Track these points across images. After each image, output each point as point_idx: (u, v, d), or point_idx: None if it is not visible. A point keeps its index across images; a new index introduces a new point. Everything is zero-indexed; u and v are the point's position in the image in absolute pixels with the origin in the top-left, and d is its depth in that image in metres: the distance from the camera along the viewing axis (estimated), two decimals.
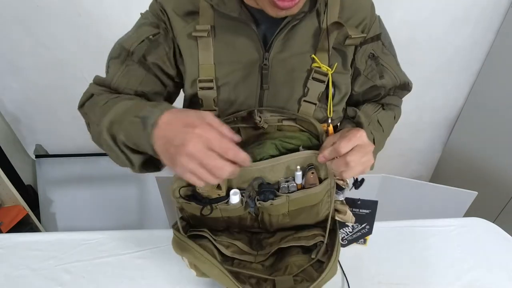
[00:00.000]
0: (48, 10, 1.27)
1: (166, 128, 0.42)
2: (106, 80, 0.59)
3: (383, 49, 0.63)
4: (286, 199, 0.55)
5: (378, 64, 0.63)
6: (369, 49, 0.61)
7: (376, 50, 0.62)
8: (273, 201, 0.55)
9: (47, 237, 0.77)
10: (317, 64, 0.57)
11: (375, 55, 0.62)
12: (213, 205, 0.56)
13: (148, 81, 0.60)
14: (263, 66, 0.57)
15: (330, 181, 0.56)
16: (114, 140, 0.49)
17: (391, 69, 0.64)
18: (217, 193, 0.55)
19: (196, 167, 0.40)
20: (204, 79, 0.57)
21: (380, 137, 0.64)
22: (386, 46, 0.63)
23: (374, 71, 0.63)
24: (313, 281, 0.53)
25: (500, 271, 0.70)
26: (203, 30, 0.55)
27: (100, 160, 1.66)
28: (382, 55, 0.63)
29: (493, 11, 1.34)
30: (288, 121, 0.59)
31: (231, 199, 0.55)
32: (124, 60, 0.58)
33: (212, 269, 0.54)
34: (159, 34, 0.58)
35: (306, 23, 0.56)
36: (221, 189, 0.55)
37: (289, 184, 0.56)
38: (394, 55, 0.66)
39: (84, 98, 0.59)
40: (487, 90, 1.49)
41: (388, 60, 0.64)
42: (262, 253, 0.61)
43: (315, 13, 0.57)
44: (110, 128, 0.49)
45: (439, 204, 1.23)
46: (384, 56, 0.63)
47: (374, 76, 0.63)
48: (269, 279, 0.57)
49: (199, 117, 0.42)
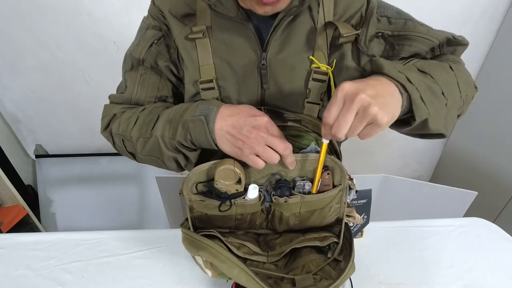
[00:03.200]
0: (48, 10, 1.27)
1: (230, 119, 0.49)
2: (125, 96, 0.62)
3: (390, 20, 0.57)
4: (300, 199, 0.56)
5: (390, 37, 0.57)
6: (371, 32, 0.57)
7: (380, 27, 0.57)
8: (288, 199, 0.55)
9: (47, 237, 0.77)
10: (316, 65, 0.57)
11: (383, 32, 0.57)
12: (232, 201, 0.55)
13: (163, 85, 0.62)
14: (261, 67, 0.57)
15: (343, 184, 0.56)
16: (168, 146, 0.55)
17: (414, 33, 0.56)
18: (235, 189, 0.55)
19: (263, 149, 0.48)
20: (205, 80, 0.58)
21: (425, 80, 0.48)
22: (393, 16, 0.57)
23: (392, 45, 0.57)
24: (333, 280, 0.53)
25: (500, 271, 0.70)
26: (199, 31, 0.56)
27: (100, 160, 1.66)
28: (391, 26, 0.57)
29: (493, 11, 1.34)
30: (293, 122, 0.59)
31: (250, 194, 0.55)
32: (138, 70, 0.61)
33: (232, 268, 0.52)
34: (163, 37, 0.60)
35: (300, 21, 0.56)
36: (240, 184, 0.55)
37: (304, 182, 0.56)
38: (410, 19, 0.58)
39: (106, 121, 0.62)
40: (487, 90, 1.49)
41: (403, 27, 0.56)
42: (273, 254, 0.61)
43: (308, 9, 0.56)
44: (163, 135, 0.54)
45: (439, 204, 1.23)
46: (395, 26, 0.57)
47: (396, 51, 0.56)
48: (287, 278, 0.56)
49: (252, 108, 0.52)
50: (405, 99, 0.44)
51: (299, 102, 0.59)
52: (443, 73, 0.51)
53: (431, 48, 0.57)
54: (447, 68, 0.53)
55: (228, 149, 0.51)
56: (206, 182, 0.57)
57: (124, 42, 1.38)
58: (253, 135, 0.48)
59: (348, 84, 0.41)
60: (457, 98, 0.52)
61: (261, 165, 0.49)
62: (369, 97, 0.40)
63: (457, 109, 0.53)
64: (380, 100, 0.40)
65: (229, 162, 0.53)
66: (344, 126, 0.41)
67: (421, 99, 0.45)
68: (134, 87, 0.62)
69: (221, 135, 0.50)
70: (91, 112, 1.57)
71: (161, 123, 0.55)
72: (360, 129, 0.41)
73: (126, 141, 0.60)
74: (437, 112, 0.47)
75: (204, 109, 0.51)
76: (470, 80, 0.57)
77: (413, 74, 0.47)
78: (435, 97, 0.47)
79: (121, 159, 1.64)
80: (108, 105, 0.64)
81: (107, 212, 1.71)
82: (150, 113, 0.58)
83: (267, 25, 0.56)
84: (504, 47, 1.37)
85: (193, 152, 0.56)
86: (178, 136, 0.52)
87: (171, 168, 0.59)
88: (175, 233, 0.77)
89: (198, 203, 0.57)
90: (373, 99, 0.40)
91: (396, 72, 0.45)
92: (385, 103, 0.41)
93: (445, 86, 0.49)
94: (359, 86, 0.41)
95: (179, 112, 0.54)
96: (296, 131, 0.59)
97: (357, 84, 0.42)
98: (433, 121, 0.47)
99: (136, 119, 0.58)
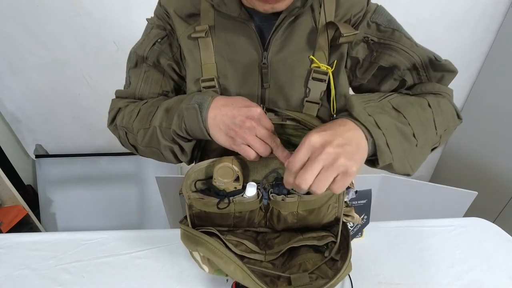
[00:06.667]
0: (48, 10, 1.27)
1: (225, 109, 0.50)
2: (130, 91, 0.64)
3: (379, 27, 0.57)
4: (298, 198, 0.56)
5: (374, 44, 0.57)
6: (360, 35, 0.57)
7: (369, 33, 0.57)
8: (285, 197, 0.56)
9: (47, 237, 0.77)
10: (316, 64, 0.57)
11: (369, 37, 0.57)
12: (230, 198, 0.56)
13: (165, 83, 0.64)
14: (262, 66, 0.57)
15: None
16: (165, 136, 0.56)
17: (398, 44, 0.56)
18: (234, 186, 0.56)
19: (254, 139, 0.49)
20: (206, 78, 0.59)
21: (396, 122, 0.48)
22: (383, 24, 0.57)
23: (374, 52, 0.57)
24: (329, 279, 0.53)
25: (500, 271, 0.70)
26: (202, 30, 0.57)
27: (100, 160, 1.66)
28: (378, 34, 0.57)
29: (493, 11, 1.34)
30: (291, 120, 0.60)
31: (248, 191, 0.56)
32: (141, 67, 0.63)
33: (228, 264, 0.52)
34: (166, 36, 0.61)
35: (302, 21, 0.57)
36: (239, 181, 0.55)
37: None
38: (399, 29, 0.57)
39: (112, 114, 0.64)
40: (487, 90, 1.50)
41: (390, 36, 0.56)
42: (271, 252, 0.61)
43: (309, 10, 0.57)
44: (161, 125, 0.55)
45: (439, 204, 1.23)
46: (382, 34, 0.57)
47: (377, 57, 0.57)
48: (283, 276, 0.57)
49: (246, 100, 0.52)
50: (371, 144, 0.45)
51: (298, 101, 0.59)
52: (419, 112, 0.51)
53: (413, 66, 0.57)
54: (425, 105, 0.53)
55: (221, 138, 0.51)
56: (205, 180, 0.58)
57: (124, 42, 1.38)
58: (246, 125, 0.49)
59: (315, 136, 0.42)
60: (431, 136, 0.52)
61: (252, 155, 0.50)
62: (337, 147, 0.41)
63: (431, 146, 0.53)
64: (348, 148, 0.41)
65: (227, 160, 0.54)
66: (309, 175, 0.41)
67: (386, 145, 0.45)
68: (138, 83, 0.64)
69: (214, 124, 0.50)
70: (91, 112, 1.57)
71: (160, 113, 0.56)
72: (330, 181, 0.41)
73: (129, 133, 0.61)
74: (403, 154, 0.47)
75: (199, 99, 0.52)
76: (453, 113, 0.57)
77: (383, 116, 0.47)
78: (404, 139, 0.47)
79: (121, 159, 1.64)
80: (114, 99, 0.66)
81: (107, 212, 1.71)
82: (151, 105, 0.59)
83: (268, 25, 0.57)
84: (504, 47, 1.37)
85: (188, 142, 0.56)
86: (173, 125, 0.53)
87: (170, 160, 0.60)
88: (175, 233, 0.77)
89: (197, 201, 0.58)
90: (341, 148, 0.41)
91: (365, 115, 0.46)
92: (352, 151, 0.42)
93: (418, 125, 0.49)
94: (327, 138, 0.42)
95: (177, 102, 0.55)
96: (294, 129, 0.60)
97: (325, 135, 0.42)
98: (398, 164, 0.47)
99: (138, 111, 0.60)
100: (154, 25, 0.62)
